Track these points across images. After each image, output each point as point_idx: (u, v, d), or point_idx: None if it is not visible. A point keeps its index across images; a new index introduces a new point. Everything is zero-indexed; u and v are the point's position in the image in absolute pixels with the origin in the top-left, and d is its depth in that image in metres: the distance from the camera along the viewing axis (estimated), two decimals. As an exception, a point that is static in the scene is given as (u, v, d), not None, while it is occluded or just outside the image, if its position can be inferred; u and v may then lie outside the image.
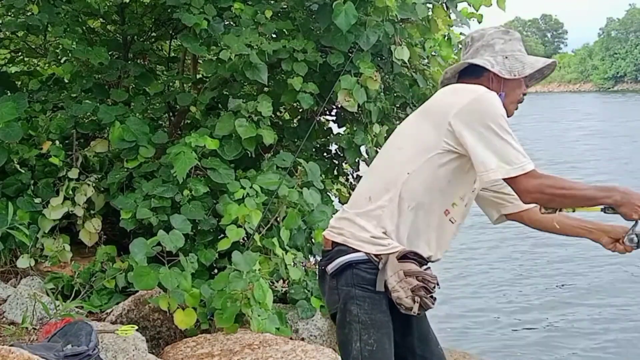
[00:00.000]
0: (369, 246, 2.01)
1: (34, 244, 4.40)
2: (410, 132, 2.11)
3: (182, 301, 3.73)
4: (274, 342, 3.53)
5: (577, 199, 2.00)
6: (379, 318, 2.00)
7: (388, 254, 1.98)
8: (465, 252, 10.23)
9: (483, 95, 2.01)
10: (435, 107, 2.08)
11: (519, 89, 2.17)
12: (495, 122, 1.95)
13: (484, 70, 2.14)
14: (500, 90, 2.11)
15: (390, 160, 2.10)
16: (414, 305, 1.96)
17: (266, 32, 4.72)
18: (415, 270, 1.97)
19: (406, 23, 5.13)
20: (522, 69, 2.13)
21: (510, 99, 2.15)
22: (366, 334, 1.99)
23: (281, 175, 4.35)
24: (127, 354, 3.15)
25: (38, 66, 6.59)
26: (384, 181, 2.06)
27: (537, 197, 1.98)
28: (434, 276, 2.02)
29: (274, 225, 4.31)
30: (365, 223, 2.03)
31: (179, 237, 3.93)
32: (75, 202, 4.56)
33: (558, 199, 1.99)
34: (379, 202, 2.03)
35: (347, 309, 2.01)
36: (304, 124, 5.30)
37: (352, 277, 2.01)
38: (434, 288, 2.00)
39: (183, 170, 4.16)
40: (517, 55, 2.15)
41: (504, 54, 2.14)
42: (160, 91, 5.34)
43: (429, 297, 1.99)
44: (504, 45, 2.16)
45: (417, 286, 1.96)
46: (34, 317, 3.60)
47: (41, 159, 4.70)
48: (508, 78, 2.12)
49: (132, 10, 5.75)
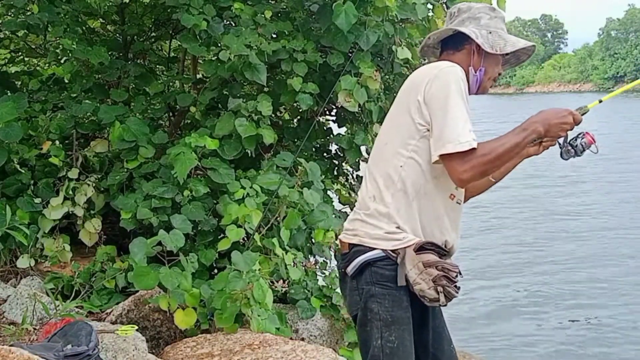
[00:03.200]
0: (384, 242, 2.01)
1: (34, 244, 4.40)
2: (391, 124, 2.12)
3: (182, 301, 3.73)
4: (274, 342, 3.53)
5: (504, 154, 1.94)
6: (400, 315, 2.00)
7: (405, 247, 1.98)
8: (465, 251, 10.24)
9: (442, 70, 2.00)
10: (404, 95, 2.08)
11: (497, 67, 2.17)
12: (450, 100, 1.94)
13: (465, 42, 2.14)
14: (481, 65, 2.13)
15: (381, 157, 2.10)
16: (439, 295, 1.95)
17: (266, 33, 4.72)
18: (434, 260, 1.96)
19: (406, 23, 5.13)
20: (503, 46, 2.13)
21: (489, 74, 2.16)
22: (387, 331, 1.99)
23: (281, 175, 4.35)
24: (127, 354, 3.15)
25: (38, 66, 6.59)
26: (381, 179, 2.06)
27: (469, 178, 1.94)
28: (455, 265, 2.02)
29: (274, 225, 4.31)
30: (377, 221, 2.03)
31: (179, 237, 3.93)
32: (75, 202, 4.56)
33: (489, 167, 1.94)
34: (384, 199, 2.03)
35: (368, 307, 2.02)
36: (304, 124, 5.30)
37: (371, 276, 2.02)
38: (456, 277, 1.99)
39: (184, 170, 4.16)
40: (500, 33, 2.16)
41: (488, 29, 2.15)
42: (160, 91, 5.34)
43: (452, 286, 1.97)
44: (490, 21, 2.16)
45: (438, 276, 1.95)
46: (34, 317, 3.59)
47: (41, 159, 4.70)
48: (489, 52, 2.12)
49: (132, 10, 5.75)
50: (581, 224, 12.32)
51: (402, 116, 2.05)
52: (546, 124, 1.97)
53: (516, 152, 1.97)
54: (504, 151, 1.93)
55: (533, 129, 1.97)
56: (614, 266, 9.43)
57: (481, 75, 2.12)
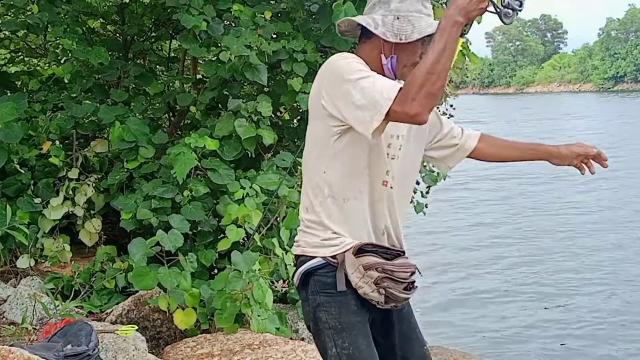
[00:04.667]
0: (322, 250, 1.98)
1: (34, 244, 4.41)
2: (309, 134, 2.06)
3: (182, 301, 3.74)
4: (274, 342, 3.54)
5: (436, 63, 1.75)
6: (349, 320, 1.97)
7: (343, 252, 1.95)
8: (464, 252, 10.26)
9: (329, 60, 1.92)
10: (312, 100, 2.01)
11: (413, 54, 1.96)
12: (345, 76, 1.84)
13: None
14: (392, 53, 1.96)
15: (307, 167, 2.06)
16: (381, 297, 1.92)
17: (266, 34, 4.72)
18: (373, 262, 1.93)
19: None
20: (410, 33, 1.93)
21: (404, 62, 1.97)
22: (340, 339, 1.95)
23: (281, 175, 4.35)
24: (127, 354, 3.15)
25: (38, 66, 6.60)
26: (311, 189, 2.02)
27: (421, 109, 1.76)
28: (405, 264, 1.98)
29: (274, 225, 4.31)
30: (314, 230, 2.00)
31: (178, 237, 3.94)
32: (75, 202, 4.57)
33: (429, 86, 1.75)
34: (315, 209, 2.00)
35: (317, 317, 1.99)
36: (304, 124, 5.30)
37: (314, 285, 1.99)
38: (405, 278, 1.96)
39: (183, 170, 4.16)
40: (412, 17, 1.95)
41: (397, 14, 1.95)
42: (160, 91, 5.35)
43: (397, 287, 1.93)
44: (400, 4, 1.96)
45: (379, 277, 1.92)
46: (33, 317, 3.60)
47: (41, 159, 4.70)
48: (392, 42, 1.94)
49: (132, 10, 5.76)
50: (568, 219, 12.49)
51: (315, 123, 2.00)
52: (463, 12, 1.80)
53: (448, 54, 1.77)
54: (434, 61, 1.76)
55: (452, 23, 1.79)
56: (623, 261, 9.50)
57: (394, 63, 1.96)
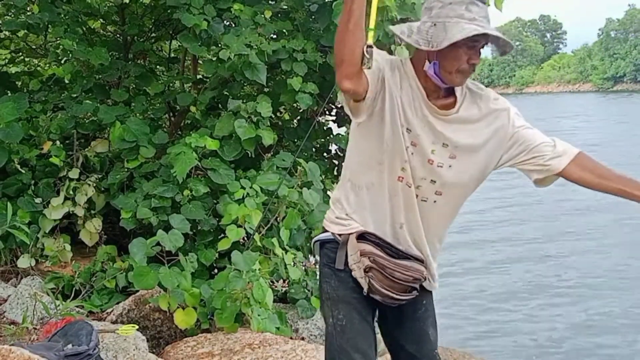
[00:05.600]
0: (333, 226, 2.11)
1: (34, 243, 4.41)
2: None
3: (182, 301, 3.74)
4: (274, 342, 3.54)
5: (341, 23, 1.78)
6: (345, 294, 2.05)
7: (348, 234, 2.05)
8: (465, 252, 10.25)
9: None
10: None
11: (456, 60, 1.93)
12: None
13: None
14: (435, 59, 1.96)
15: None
16: (365, 285, 2.00)
17: (265, 33, 4.73)
18: (368, 251, 2.00)
19: (406, 23, 5.14)
20: (441, 41, 1.90)
21: (447, 69, 1.94)
22: (336, 310, 2.05)
23: (281, 175, 4.36)
24: (128, 353, 3.16)
25: (38, 66, 6.61)
26: (344, 168, 2.16)
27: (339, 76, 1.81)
28: (409, 267, 2.00)
29: (274, 225, 4.32)
30: (334, 207, 2.14)
31: (178, 237, 3.94)
32: (76, 202, 4.58)
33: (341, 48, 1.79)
34: (339, 188, 2.15)
35: (321, 287, 2.12)
36: (304, 124, 5.31)
37: (322, 256, 2.13)
38: (403, 280, 1.99)
39: (183, 170, 4.17)
40: (448, 23, 1.91)
41: (435, 20, 1.96)
42: (161, 91, 5.35)
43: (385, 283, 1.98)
44: (440, 10, 1.95)
45: (368, 266, 1.99)
46: (34, 316, 3.60)
47: (42, 159, 4.71)
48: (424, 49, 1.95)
49: (132, 10, 5.76)
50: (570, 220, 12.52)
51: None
52: None
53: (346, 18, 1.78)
54: (338, 30, 1.81)
55: None
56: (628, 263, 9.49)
57: (436, 69, 1.96)
